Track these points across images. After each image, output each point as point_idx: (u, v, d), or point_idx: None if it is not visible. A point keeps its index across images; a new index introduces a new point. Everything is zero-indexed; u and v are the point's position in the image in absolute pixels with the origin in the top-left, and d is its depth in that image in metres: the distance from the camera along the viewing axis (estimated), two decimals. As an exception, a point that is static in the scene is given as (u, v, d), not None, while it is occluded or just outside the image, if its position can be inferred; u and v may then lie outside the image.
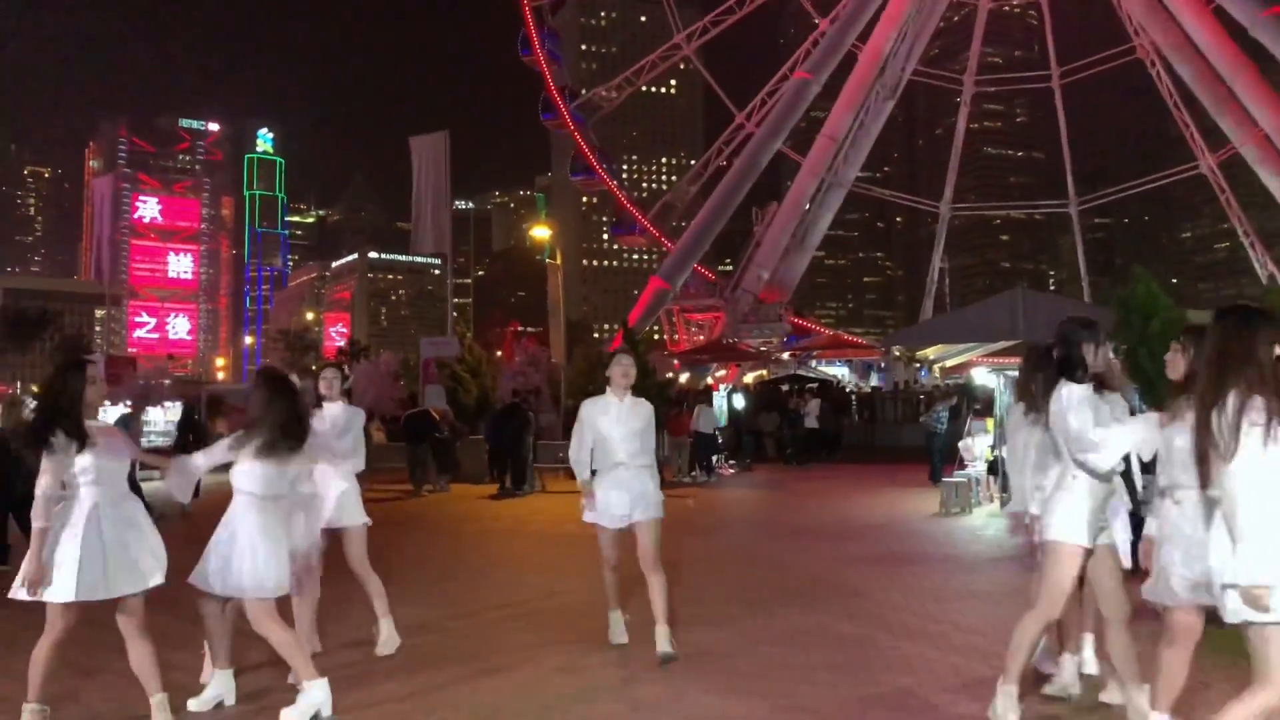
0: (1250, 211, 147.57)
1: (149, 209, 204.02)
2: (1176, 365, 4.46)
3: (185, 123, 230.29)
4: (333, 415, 6.32)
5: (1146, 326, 8.85)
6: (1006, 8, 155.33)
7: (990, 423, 18.36)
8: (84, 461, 4.65)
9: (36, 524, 4.56)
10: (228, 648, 5.31)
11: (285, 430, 5.10)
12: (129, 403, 22.51)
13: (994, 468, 15.36)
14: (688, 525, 12.50)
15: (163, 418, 24.08)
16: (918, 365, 42.37)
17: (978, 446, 17.30)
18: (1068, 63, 56.82)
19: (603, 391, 6.33)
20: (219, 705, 5.25)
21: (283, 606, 5.19)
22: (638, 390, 6.46)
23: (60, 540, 4.60)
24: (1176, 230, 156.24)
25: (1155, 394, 9.32)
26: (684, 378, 39.05)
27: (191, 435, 17.50)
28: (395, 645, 6.35)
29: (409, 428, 19.51)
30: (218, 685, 5.29)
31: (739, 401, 24.90)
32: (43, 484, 4.58)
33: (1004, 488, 15.08)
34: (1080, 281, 66.56)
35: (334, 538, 6.31)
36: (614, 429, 6.14)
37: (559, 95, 50.47)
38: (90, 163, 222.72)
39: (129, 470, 5.05)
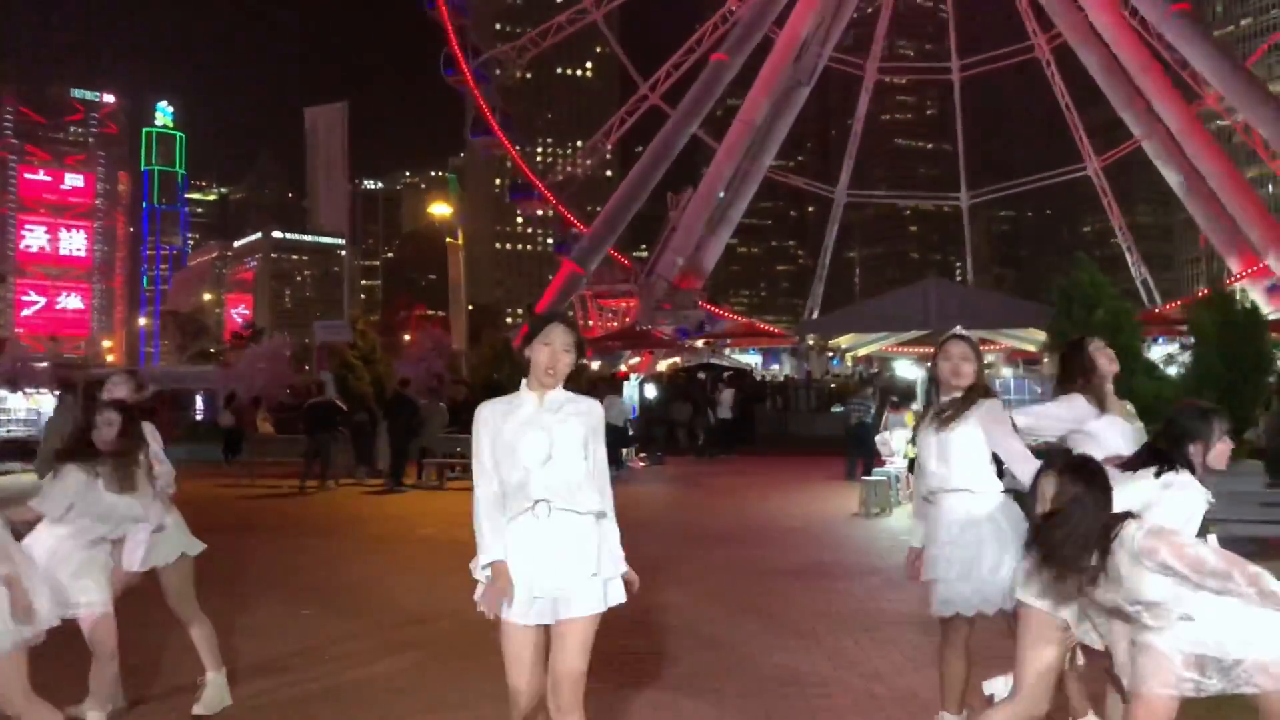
0: (1144, 206, 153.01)
1: (37, 182, 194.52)
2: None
3: (78, 93, 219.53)
4: None
5: (1090, 317, 8.13)
6: (918, 0, 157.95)
7: (910, 416, 17.73)
8: None
9: None
10: None
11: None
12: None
13: (914, 465, 14.70)
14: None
15: (24, 405, 22.06)
16: (830, 354, 42.16)
17: (896, 441, 16.64)
18: (970, 57, 57.62)
19: (513, 386, 3.68)
20: None
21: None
22: None
23: None
24: (1078, 224, 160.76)
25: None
26: (596, 365, 38.05)
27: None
28: (221, 704, 5.17)
29: (311, 417, 18.04)
30: None
31: (650, 391, 24.00)
32: None
33: (924, 486, 14.46)
34: (964, 271, 67.80)
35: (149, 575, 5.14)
36: (531, 447, 3.47)
37: (460, 51, 48.49)
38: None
39: None
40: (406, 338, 39.60)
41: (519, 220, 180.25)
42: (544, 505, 3.44)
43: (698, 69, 50.31)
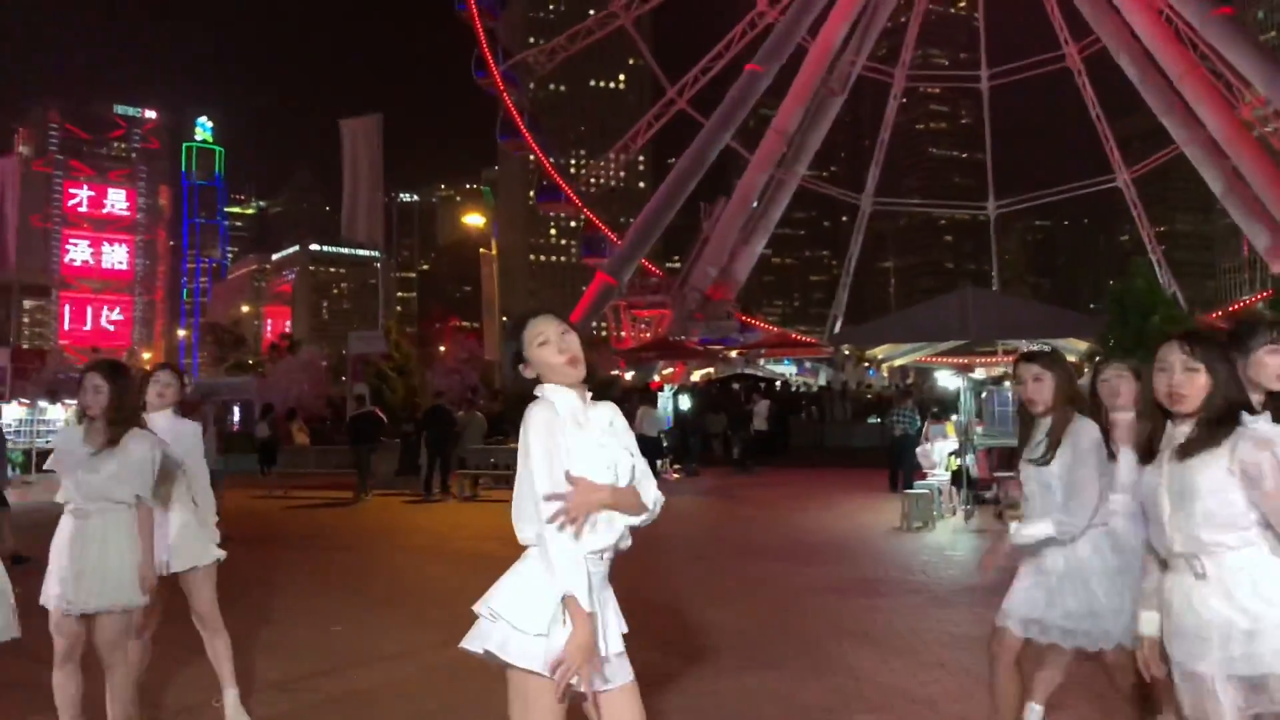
0: (1184, 214, 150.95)
1: (82, 197, 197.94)
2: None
3: (121, 109, 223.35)
4: (160, 429, 4.91)
5: (1145, 324, 7.78)
6: (952, 10, 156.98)
7: (950, 427, 17.36)
8: None
9: None
10: None
11: None
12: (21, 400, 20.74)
13: (958, 477, 14.35)
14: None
15: (63, 415, 22.26)
16: (866, 365, 41.70)
17: (937, 453, 16.29)
18: (1001, 65, 57.10)
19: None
20: None
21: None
22: None
23: None
24: (1115, 232, 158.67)
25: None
26: (629, 376, 37.89)
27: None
28: None
29: (354, 429, 18.18)
30: None
31: (684, 402, 23.76)
32: None
33: (967, 500, 14.09)
34: (991, 281, 67.03)
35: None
36: (595, 457, 2.80)
37: (490, 53, 48.66)
38: (20, 149, 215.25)
39: None
40: (441, 349, 39.67)
41: (552, 232, 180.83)
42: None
43: (726, 74, 50.09)
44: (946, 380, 21.52)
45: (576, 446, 2.75)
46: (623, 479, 2.80)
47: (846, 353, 38.41)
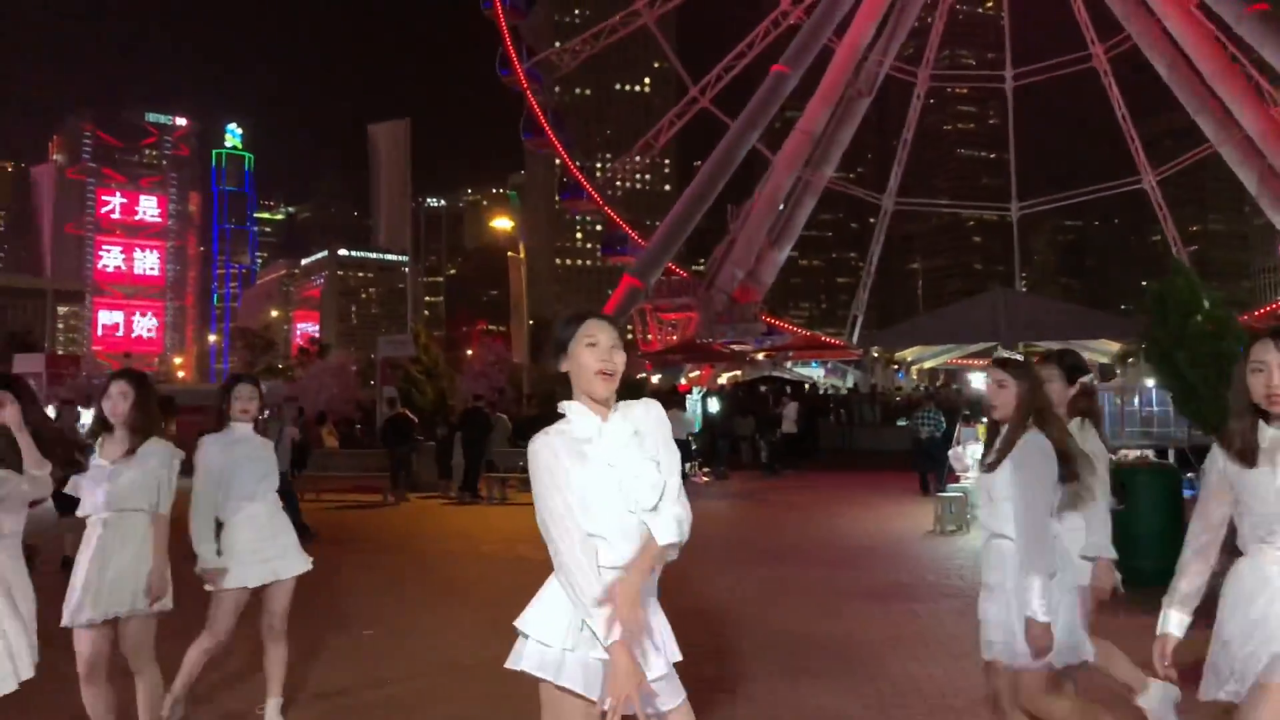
0: (1217, 214, 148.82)
1: (115, 204, 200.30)
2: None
3: (152, 117, 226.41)
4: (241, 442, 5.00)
5: (1186, 324, 7.63)
6: (980, 9, 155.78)
7: (981, 429, 17.15)
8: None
9: None
10: None
11: None
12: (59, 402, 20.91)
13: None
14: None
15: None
16: (895, 367, 41.42)
17: (969, 456, 16.09)
18: (1026, 65, 56.60)
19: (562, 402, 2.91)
20: None
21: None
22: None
23: None
24: (1146, 233, 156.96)
25: (1193, 403, 8.19)
26: (656, 379, 37.79)
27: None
28: None
29: (391, 432, 18.37)
30: None
31: (713, 405, 23.65)
32: None
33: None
34: (1014, 282, 66.43)
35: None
36: (603, 482, 2.67)
37: (515, 51, 48.81)
38: (54, 157, 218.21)
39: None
40: (469, 352, 39.78)
41: (578, 236, 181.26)
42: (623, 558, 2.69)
43: (748, 73, 49.92)
44: (978, 382, 21.25)
45: (579, 479, 2.63)
46: (641, 498, 2.65)
47: (875, 355, 38.18)
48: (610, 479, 2.65)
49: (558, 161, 53.57)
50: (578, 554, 2.57)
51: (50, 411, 21.30)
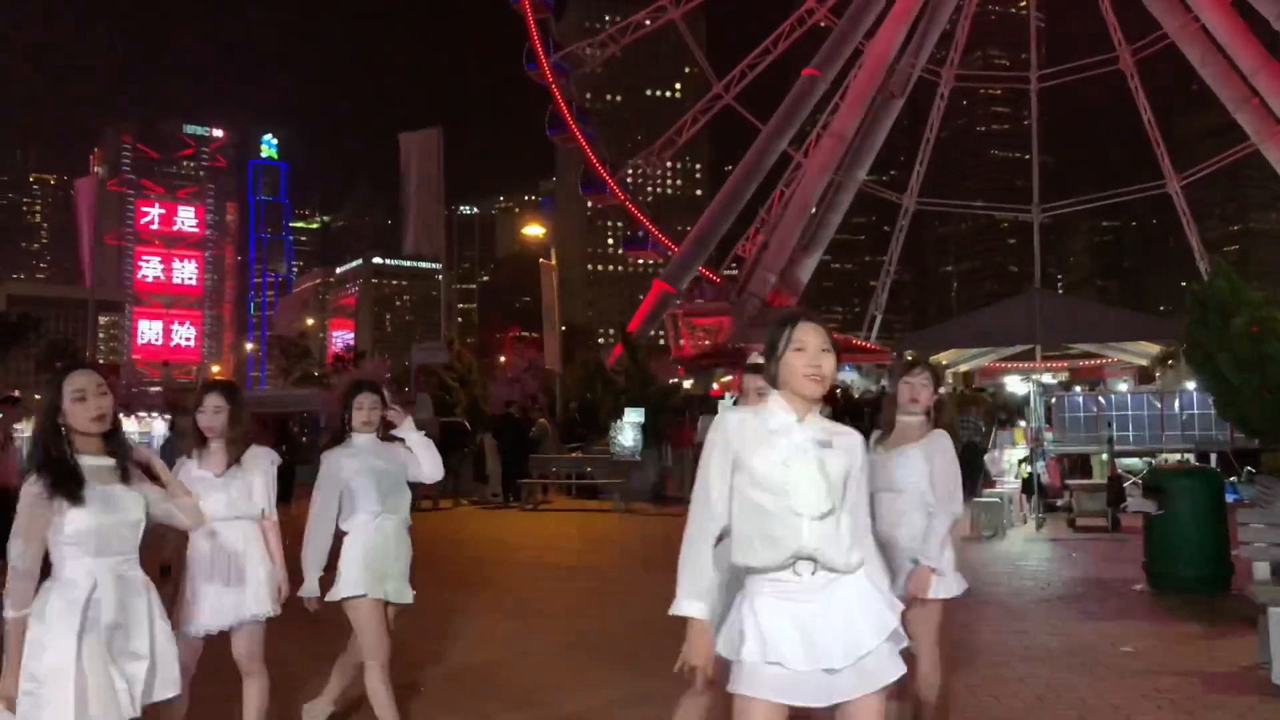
0: (1258, 213, 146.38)
1: (153, 215, 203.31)
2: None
3: (190, 128, 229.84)
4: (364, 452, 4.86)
5: (1227, 325, 7.47)
6: (1013, 9, 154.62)
7: (1019, 434, 17.01)
8: (77, 523, 3.12)
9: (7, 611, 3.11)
10: None
11: None
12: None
13: (1029, 485, 14.02)
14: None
15: (136, 429, 22.79)
16: (931, 371, 40.99)
17: (1006, 461, 15.97)
18: (1055, 66, 56.06)
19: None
20: None
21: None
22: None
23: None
24: (1184, 234, 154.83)
25: (1235, 406, 8.02)
26: (688, 384, 37.76)
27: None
28: None
29: (444, 438, 18.61)
30: None
31: (746, 410, 23.61)
32: (14, 551, 3.11)
33: (1038, 508, 13.73)
34: (1036, 283, 66.10)
35: None
36: (776, 476, 2.79)
37: (541, 45, 48.87)
38: (95, 169, 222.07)
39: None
40: (502, 359, 39.95)
41: (610, 242, 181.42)
42: (807, 563, 2.75)
43: (774, 71, 49.71)
44: (1015, 386, 21.11)
45: (760, 463, 2.78)
46: (809, 503, 2.72)
47: (910, 358, 37.86)
48: (783, 476, 2.75)
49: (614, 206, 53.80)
50: (695, 538, 2.85)
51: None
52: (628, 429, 17.33)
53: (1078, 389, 25.10)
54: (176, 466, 4.49)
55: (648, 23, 51.11)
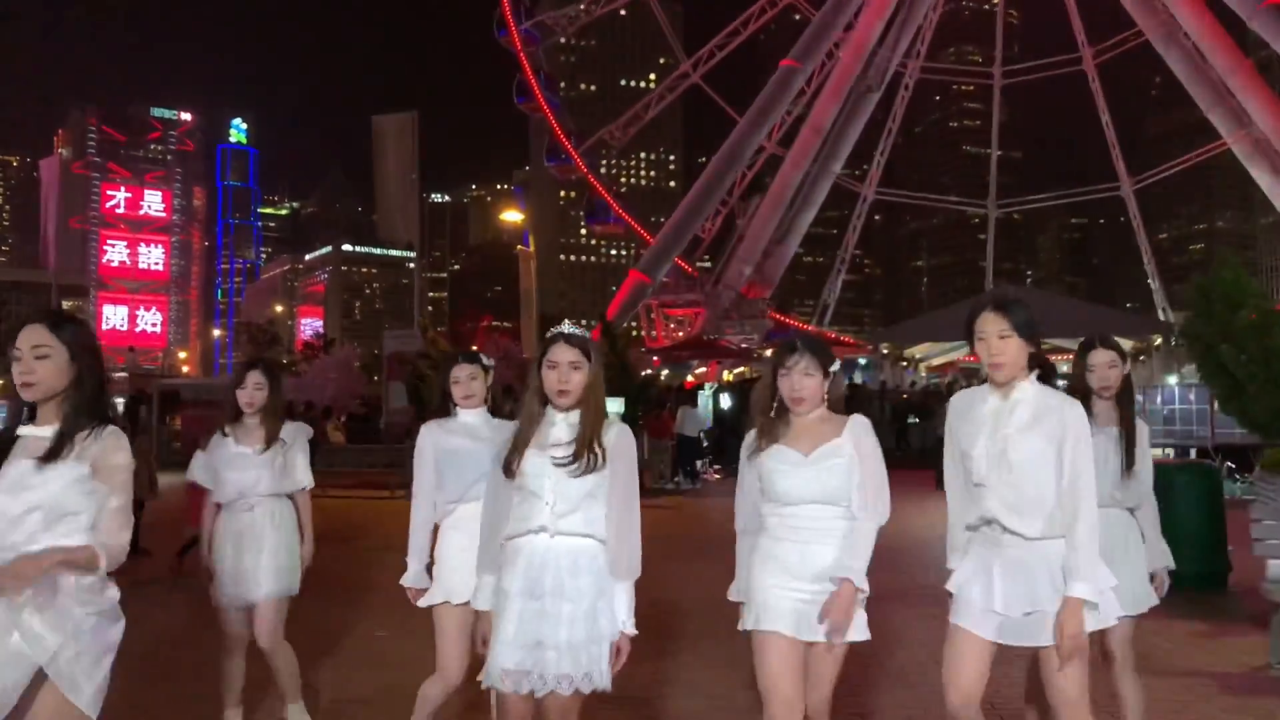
0: (1223, 212, 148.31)
1: (119, 199, 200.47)
2: None
3: (157, 111, 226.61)
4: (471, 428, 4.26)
5: (1232, 318, 7.34)
6: (986, 6, 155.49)
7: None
8: None
9: None
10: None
11: None
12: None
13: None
14: (669, 544, 10.97)
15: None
16: (904, 364, 41.13)
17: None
18: (1022, 63, 56.61)
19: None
20: None
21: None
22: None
23: None
24: (1154, 231, 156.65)
25: (1241, 400, 7.93)
26: (663, 375, 37.57)
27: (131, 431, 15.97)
28: None
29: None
30: None
31: (724, 401, 23.42)
32: None
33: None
34: (987, 282, 67.02)
35: None
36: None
37: (512, 11, 48.65)
38: (59, 151, 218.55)
39: None
40: (474, 348, 39.58)
41: (583, 233, 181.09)
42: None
43: (743, 52, 49.76)
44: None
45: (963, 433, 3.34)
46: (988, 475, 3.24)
47: (884, 352, 37.91)
48: (983, 447, 3.24)
49: (574, 178, 53.46)
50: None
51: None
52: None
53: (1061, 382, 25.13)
54: (212, 443, 4.64)
55: None
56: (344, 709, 5.37)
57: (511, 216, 39.38)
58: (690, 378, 38.93)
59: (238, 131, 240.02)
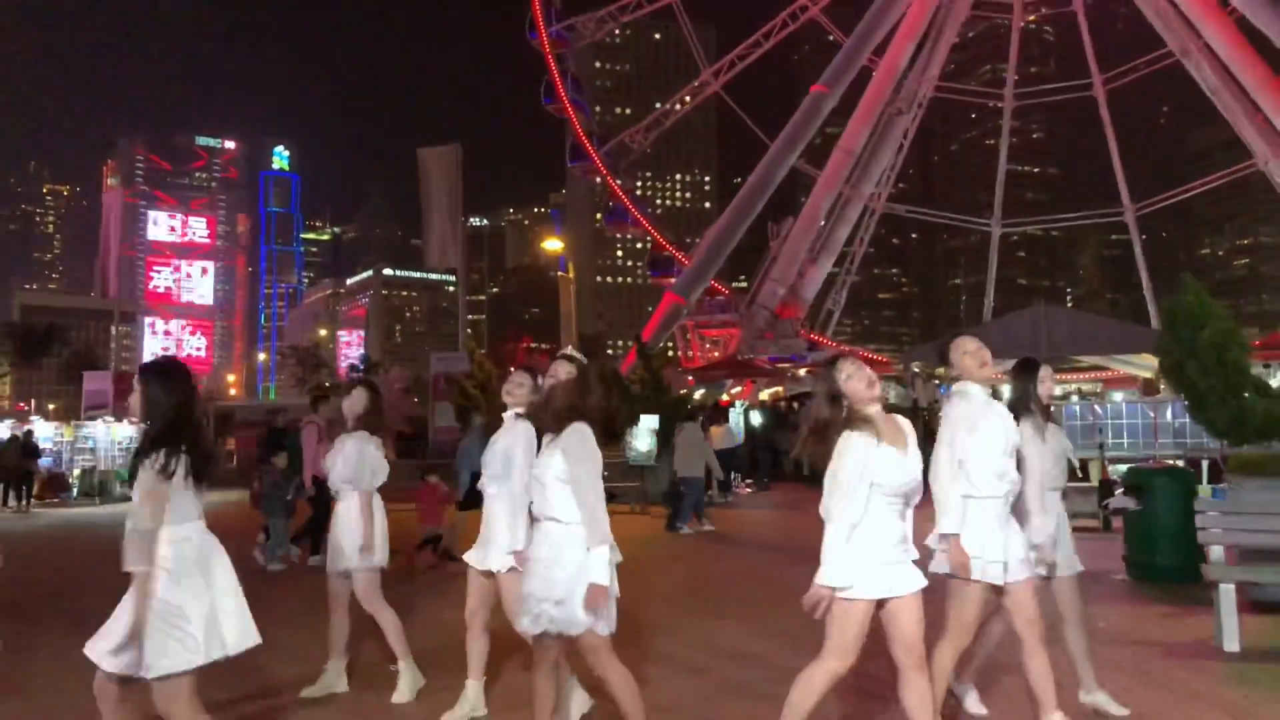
0: (1270, 227, 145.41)
1: (165, 226, 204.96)
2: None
3: (202, 140, 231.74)
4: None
5: (1196, 338, 8.19)
6: (996, 23, 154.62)
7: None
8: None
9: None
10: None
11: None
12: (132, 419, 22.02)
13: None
14: (701, 552, 11.80)
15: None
16: (937, 382, 41.59)
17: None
18: (1031, 86, 57.11)
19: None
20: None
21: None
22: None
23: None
24: (1196, 246, 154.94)
25: (1206, 410, 8.71)
26: (698, 394, 38.39)
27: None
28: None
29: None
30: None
31: (755, 418, 24.25)
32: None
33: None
34: (989, 298, 67.15)
35: None
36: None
37: (542, 14, 49.65)
38: (108, 180, 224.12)
39: None
40: (512, 370, 40.58)
41: (619, 253, 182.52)
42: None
43: (766, 66, 50.54)
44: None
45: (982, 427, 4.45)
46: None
47: (916, 370, 38.46)
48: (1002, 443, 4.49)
49: (598, 180, 54.33)
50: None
51: (127, 425, 22.34)
52: (643, 435, 17.82)
53: (1075, 398, 25.78)
54: (356, 443, 5.91)
55: (645, 3, 51.65)
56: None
57: (552, 245, 40.52)
58: (725, 396, 39.73)
59: (280, 158, 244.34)
